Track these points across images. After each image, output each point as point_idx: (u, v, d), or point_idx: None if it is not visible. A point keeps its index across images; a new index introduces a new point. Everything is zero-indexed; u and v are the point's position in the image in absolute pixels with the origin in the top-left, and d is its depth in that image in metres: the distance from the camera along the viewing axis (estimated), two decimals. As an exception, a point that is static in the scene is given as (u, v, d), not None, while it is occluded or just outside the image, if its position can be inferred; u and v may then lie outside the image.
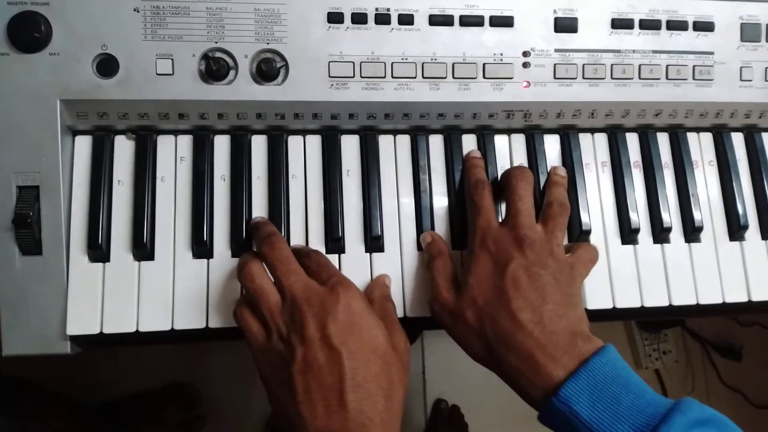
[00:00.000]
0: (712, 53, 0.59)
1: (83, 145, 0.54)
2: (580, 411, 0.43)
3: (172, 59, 0.52)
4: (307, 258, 0.50)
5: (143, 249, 0.52)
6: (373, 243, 0.55)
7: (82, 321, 0.51)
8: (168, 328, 0.52)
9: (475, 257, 0.51)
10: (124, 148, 0.54)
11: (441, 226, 0.56)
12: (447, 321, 0.51)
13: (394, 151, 0.57)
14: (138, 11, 0.51)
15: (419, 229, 0.56)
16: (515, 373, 0.47)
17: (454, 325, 0.51)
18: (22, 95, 0.50)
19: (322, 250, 0.54)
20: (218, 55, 0.52)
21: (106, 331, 0.51)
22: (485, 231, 0.51)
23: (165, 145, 0.55)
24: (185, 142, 0.55)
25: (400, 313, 0.54)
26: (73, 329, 0.50)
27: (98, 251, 0.52)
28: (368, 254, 0.55)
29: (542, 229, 0.52)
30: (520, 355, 0.46)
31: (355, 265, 0.55)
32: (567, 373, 0.44)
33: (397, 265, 0.55)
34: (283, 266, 0.48)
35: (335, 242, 0.54)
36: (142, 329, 0.51)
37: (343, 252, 0.55)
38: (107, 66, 0.51)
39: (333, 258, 0.54)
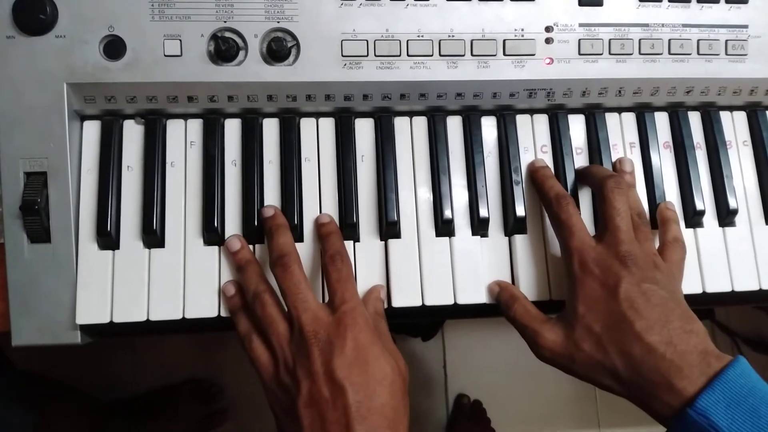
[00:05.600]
0: (746, 27, 0.56)
1: (92, 130, 0.52)
2: (718, 422, 0.40)
3: (180, 40, 0.50)
4: (331, 263, 0.48)
5: (153, 236, 0.51)
6: (389, 229, 0.52)
7: (91, 310, 0.49)
8: (179, 317, 0.50)
9: (579, 282, 0.48)
10: (133, 133, 0.53)
11: (460, 212, 0.54)
12: (564, 361, 0.48)
13: (410, 133, 0.55)
14: (145, -9, 0.50)
15: (437, 214, 0.53)
16: (646, 395, 0.44)
17: (573, 362, 0.47)
18: (28, 79, 0.49)
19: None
20: (227, 35, 0.50)
21: (116, 320, 0.50)
22: (583, 252, 0.48)
23: (174, 129, 0.53)
24: (195, 126, 0.53)
25: (417, 302, 0.52)
26: (82, 318, 0.49)
27: (107, 238, 0.50)
28: (383, 242, 0.53)
29: (635, 242, 0.49)
30: (653, 379, 0.43)
31: (369, 253, 0.53)
32: (701, 388, 0.42)
33: (414, 251, 0.53)
34: (293, 293, 0.47)
35: (350, 228, 0.52)
36: (152, 318, 0.50)
37: (358, 240, 0.53)
38: (114, 48, 0.50)
39: (347, 245, 0.52)
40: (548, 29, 0.53)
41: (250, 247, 0.52)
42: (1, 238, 0.50)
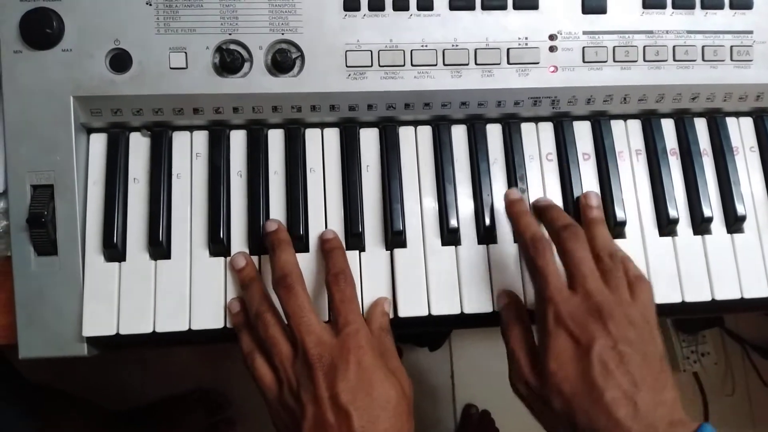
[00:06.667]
0: (751, 32, 0.55)
1: (98, 142, 0.53)
2: None
3: (186, 53, 0.50)
4: (334, 284, 0.48)
5: (159, 248, 0.51)
6: (395, 238, 0.52)
7: (98, 322, 0.50)
8: (185, 328, 0.50)
9: (552, 337, 0.45)
10: (139, 145, 0.53)
11: (466, 221, 0.54)
12: (532, 405, 0.47)
13: (415, 142, 0.55)
14: (150, 4, 0.50)
15: (443, 223, 0.53)
16: None
17: (540, 411, 0.47)
18: (35, 93, 0.49)
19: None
20: (232, 47, 0.51)
21: (122, 332, 0.50)
22: (558, 304, 0.45)
23: (180, 141, 0.54)
24: (201, 137, 0.54)
25: (423, 312, 0.52)
26: (89, 330, 0.49)
27: (114, 250, 0.50)
28: (389, 251, 0.53)
29: (607, 290, 0.46)
30: None
31: (375, 262, 0.53)
32: None
33: (420, 260, 0.53)
34: (298, 316, 0.46)
35: (355, 238, 0.52)
36: (159, 330, 0.50)
37: (363, 250, 0.53)
38: (120, 61, 0.50)
39: (353, 255, 0.52)
40: (552, 37, 0.53)
41: (256, 257, 0.52)
42: (8, 250, 0.50)
